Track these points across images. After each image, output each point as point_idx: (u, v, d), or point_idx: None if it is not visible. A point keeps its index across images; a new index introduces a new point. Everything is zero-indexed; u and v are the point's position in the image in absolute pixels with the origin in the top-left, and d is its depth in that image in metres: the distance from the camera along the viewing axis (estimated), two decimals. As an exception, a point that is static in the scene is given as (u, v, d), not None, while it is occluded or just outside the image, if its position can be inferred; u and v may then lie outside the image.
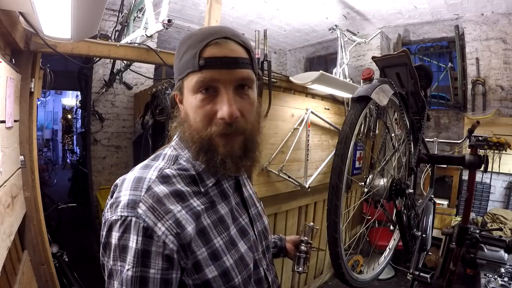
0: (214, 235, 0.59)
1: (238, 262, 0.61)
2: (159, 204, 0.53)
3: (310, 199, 2.77)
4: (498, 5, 3.21)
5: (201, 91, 0.57)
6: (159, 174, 0.58)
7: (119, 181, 0.60)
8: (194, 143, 0.59)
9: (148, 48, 1.88)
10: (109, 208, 0.55)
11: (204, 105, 0.57)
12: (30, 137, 1.64)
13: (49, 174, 7.43)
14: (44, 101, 10.11)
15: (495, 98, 3.44)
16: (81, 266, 2.50)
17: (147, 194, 0.54)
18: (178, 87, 0.62)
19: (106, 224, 0.54)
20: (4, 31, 1.23)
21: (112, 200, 0.56)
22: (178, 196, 0.56)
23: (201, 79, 0.56)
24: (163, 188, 0.56)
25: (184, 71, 0.58)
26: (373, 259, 1.51)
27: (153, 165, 0.60)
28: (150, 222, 0.51)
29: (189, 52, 0.57)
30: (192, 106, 0.58)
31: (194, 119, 0.59)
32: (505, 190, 3.30)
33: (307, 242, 0.95)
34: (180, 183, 0.59)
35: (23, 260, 1.48)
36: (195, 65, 0.56)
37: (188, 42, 0.59)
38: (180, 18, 3.90)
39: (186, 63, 0.58)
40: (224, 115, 0.56)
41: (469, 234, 1.64)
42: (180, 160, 0.62)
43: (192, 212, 0.57)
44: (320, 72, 2.13)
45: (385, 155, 1.35)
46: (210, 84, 0.56)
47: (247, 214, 0.70)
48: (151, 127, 2.64)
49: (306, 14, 3.89)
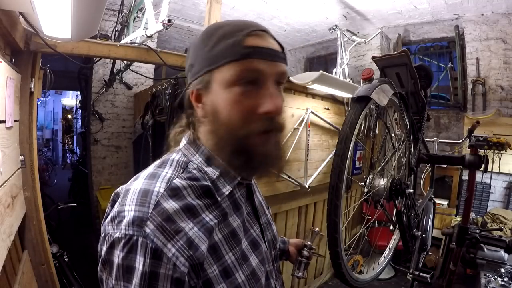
0: (226, 250, 0.53)
1: (250, 278, 0.56)
2: (169, 222, 0.47)
3: (310, 199, 2.77)
4: (498, 5, 3.21)
5: (241, 84, 0.51)
6: (167, 186, 0.51)
7: (121, 190, 0.54)
8: (228, 144, 0.53)
9: (148, 48, 1.88)
10: (110, 221, 0.49)
11: (243, 99, 0.51)
12: (30, 137, 1.64)
13: (49, 174, 7.43)
14: (44, 101, 10.12)
15: (495, 98, 3.44)
16: (81, 266, 2.49)
17: (155, 210, 0.47)
18: (202, 81, 0.54)
19: (107, 239, 0.48)
20: (4, 31, 1.23)
21: (114, 213, 0.50)
22: (189, 212, 0.50)
23: (245, 69, 0.50)
24: (173, 204, 0.49)
25: (219, 61, 0.51)
26: (373, 259, 1.52)
27: (160, 174, 0.53)
28: (159, 243, 0.46)
29: (224, 41, 0.51)
30: (227, 101, 0.52)
31: (228, 115, 0.52)
32: (505, 190, 3.30)
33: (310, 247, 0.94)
34: (191, 195, 0.52)
35: (23, 260, 1.48)
36: (237, 54, 0.50)
37: (219, 32, 0.53)
38: (180, 18, 3.90)
39: (222, 52, 0.51)
40: (271, 109, 0.51)
41: (469, 234, 1.64)
42: (190, 167, 0.56)
43: (204, 228, 0.51)
44: (320, 72, 2.13)
45: (385, 155, 1.35)
46: (254, 75, 0.51)
47: (259, 225, 0.65)
48: (151, 127, 2.64)
49: (306, 14, 3.89)
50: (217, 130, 0.54)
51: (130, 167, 3.67)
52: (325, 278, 3.19)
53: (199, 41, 0.56)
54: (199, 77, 0.54)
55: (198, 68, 0.54)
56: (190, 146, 0.59)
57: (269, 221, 0.73)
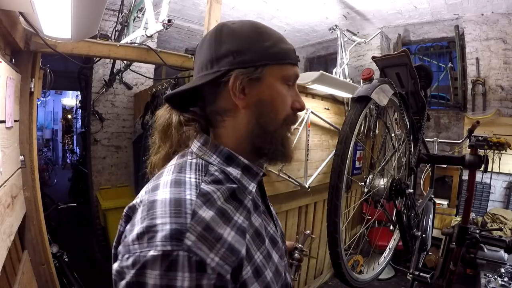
0: (254, 250, 0.53)
1: (275, 274, 0.57)
2: (208, 230, 0.45)
3: (310, 199, 2.77)
4: (498, 5, 3.21)
5: (288, 83, 0.59)
6: (198, 192, 0.48)
7: (139, 203, 0.50)
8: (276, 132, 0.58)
9: (148, 48, 1.88)
10: (137, 239, 0.44)
11: (288, 96, 0.59)
12: (30, 137, 1.64)
13: (49, 174, 7.42)
14: (44, 101, 10.11)
15: (495, 98, 3.44)
16: (81, 266, 2.50)
17: (194, 220, 0.44)
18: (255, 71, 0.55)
19: (136, 260, 0.42)
20: (4, 31, 1.23)
21: (141, 228, 0.44)
22: (224, 216, 0.49)
23: (295, 73, 0.60)
24: (208, 210, 0.47)
25: (284, 59, 0.57)
26: (373, 259, 1.52)
27: (184, 180, 0.50)
28: (203, 254, 0.43)
29: (281, 44, 0.58)
30: (280, 96, 0.57)
31: (278, 109, 0.58)
32: (505, 190, 3.30)
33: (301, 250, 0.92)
34: (221, 199, 0.50)
35: (23, 260, 1.48)
36: (294, 59, 0.59)
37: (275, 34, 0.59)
38: (180, 18, 3.90)
39: (286, 53, 0.58)
40: (303, 106, 0.61)
41: (469, 234, 1.64)
42: (211, 169, 0.54)
43: (240, 231, 0.50)
44: (320, 72, 2.13)
45: (385, 155, 1.35)
46: (295, 78, 0.60)
47: (272, 221, 0.66)
48: (151, 127, 2.63)
49: (306, 14, 3.89)
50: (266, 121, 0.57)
51: (130, 167, 3.66)
52: (325, 278, 3.19)
53: (252, 33, 0.56)
54: (251, 67, 0.54)
55: (254, 57, 0.55)
56: (204, 147, 0.57)
57: (277, 218, 0.74)
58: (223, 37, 0.56)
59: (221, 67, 0.54)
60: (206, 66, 0.57)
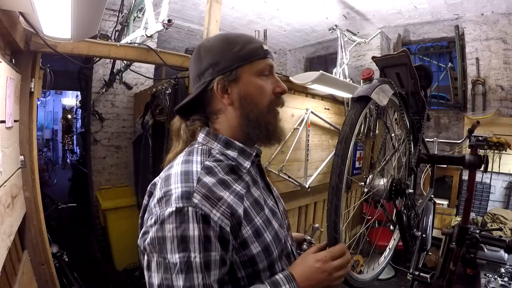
0: (254, 214, 0.65)
1: (275, 238, 0.67)
2: (211, 192, 0.59)
3: (310, 199, 2.77)
4: (498, 5, 3.21)
5: (263, 74, 0.69)
6: (202, 166, 0.63)
7: (159, 179, 0.64)
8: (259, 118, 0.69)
9: (148, 48, 1.88)
10: (157, 203, 0.58)
11: (267, 84, 0.70)
12: (30, 137, 1.64)
13: (49, 174, 7.42)
14: (44, 101, 10.11)
15: (495, 98, 3.44)
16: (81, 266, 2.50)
17: (199, 184, 0.59)
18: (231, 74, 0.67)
19: (157, 219, 0.56)
20: (4, 31, 1.23)
21: (160, 194, 0.59)
22: (223, 184, 0.62)
23: (268, 64, 0.70)
24: (210, 178, 0.61)
25: (252, 57, 0.68)
26: (373, 259, 1.51)
27: (192, 159, 0.65)
28: (207, 210, 0.56)
29: (249, 45, 0.68)
30: (258, 87, 0.69)
31: (259, 97, 0.69)
32: (505, 190, 3.30)
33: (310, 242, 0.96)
34: (221, 172, 0.64)
35: (23, 260, 1.48)
36: (262, 53, 0.69)
37: (241, 39, 0.69)
38: (180, 18, 3.90)
39: (252, 52, 0.68)
40: (283, 88, 0.72)
41: (469, 234, 1.64)
42: (213, 153, 0.68)
43: (238, 196, 0.63)
44: (320, 72, 2.13)
45: (385, 155, 1.35)
46: (269, 68, 0.71)
47: (272, 196, 0.78)
48: (151, 127, 2.63)
49: (306, 14, 3.89)
50: (249, 110, 0.69)
51: (130, 167, 3.66)
52: (325, 278, 3.18)
53: (222, 45, 0.69)
54: (227, 72, 0.67)
55: (228, 63, 0.67)
56: (207, 137, 0.71)
57: (278, 196, 0.85)
58: (201, 55, 0.70)
59: (206, 79, 0.68)
60: (195, 80, 0.71)
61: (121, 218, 3.15)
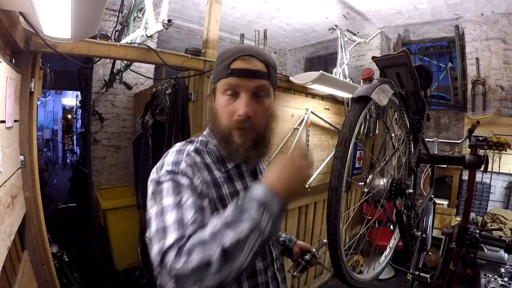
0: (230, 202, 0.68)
1: None
2: (195, 166, 0.71)
3: (310, 199, 2.77)
4: (498, 5, 3.21)
5: (227, 94, 0.74)
6: (194, 148, 0.75)
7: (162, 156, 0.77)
8: (218, 132, 0.77)
9: (148, 48, 1.88)
10: (155, 171, 0.71)
11: (229, 104, 0.74)
12: (30, 137, 1.64)
13: (49, 174, 7.42)
14: (44, 101, 10.11)
15: (495, 98, 3.44)
16: (81, 266, 2.50)
17: (187, 157, 0.71)
18: (212, 89, 0.79)
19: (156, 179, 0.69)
20: (4, 31, 1.23)
21: (158, 164, 0.73)
22: (206, 166, 0.74)
23: (228, 83, 0.73)
24: (197, 157, 0.73)
25: (217, 77, 0.76)
26: (373, 259, 1.51)
27: (189, 143, 0.79)
28: (190, 174, 0.68)
29: (222, 63, 0.75)
30: (221, 104, 0.75)
31: (220, 114, 0.76)
32: (505, 190, 3.30)
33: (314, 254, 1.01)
34: (208, 158, 0.76)
35: (23, 260, 1.48)
36: (225, 73, 0.73)
37: (223, 55, 0.76)
38: (180, 18, 3.90)
39: (219, 71, 0.75)
40: (240, 113, 0.72)
41: (469, 234, 1.64)
42: (209, 145, 0.80)
43: (214, 180, 0.74)
44: (320, 72, 2.13)
45: (385, 155, 1.35)
46: (233, 88, 0.73)
47: None
48: (151, 127, 2.63)
49: (306, 14, 3.89)
50: (216, 122, 0.78)
51: (130, 167, 3.66)
52: (325, 278, 3.19)
53: (215, 61, 0.80)
54: (211, 85, 0.80)
55: (212, 79, 0.80)
56: (208, 133, 0.83)
57: None
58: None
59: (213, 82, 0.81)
60: None
61: (121, 218, 3.15)
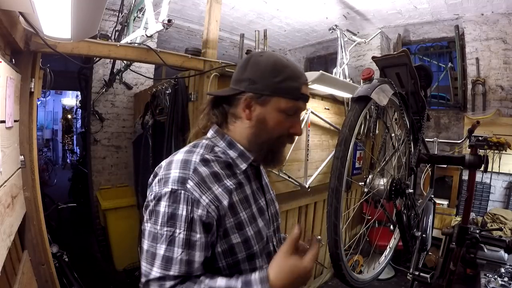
0: (240, 209, 0.72)
1: (257, 234, 0.74)
2: (203, 181, 0.67)
3: (310, 199, 2.77)
4: (498, 5, 3.21)
5: (287, 113, 0.75)
6: (201, 158, 0.71)
7: (164, 163, 0.73)
8: (264, 143, 0.76)
9: (148, 48, 1.88)
10: (158, 182, 0.68)
11: (284, 122, 0.76)
12: (30, 137, 1.63)
13: (49, 174, 7.42)
14: (44, 101, 10.10)
15: (495, 98, 3.44)
16: (81, 266, 2.49)
17: (194, 173, 0.67)
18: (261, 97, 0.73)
19: (155, 195, 0.66)
20: (4, 31, 1.23)
21: (160, 176, 0.69)
22: (215, 177, 0.70)
23: (296, 106, 0.76)
24: (205, 169, 0.69)
25: (284, 94, 0.73)
26: (373, 259, 1.52)
27: (195, 151, 0.73)
28: (197, 195, 0.65)
29: (289, 81, 0.73)
30: (275, 120, 0.75)
31: (272, 129, 0.75)
32: (505, 190, 3.30)
33: None
34: (217, 166, 0.72)
35: (23, 260, 1.47)
36: (296, 96, 0.75)
37: (287, 71, 0.74)
38: (180, 18, 3.90)
39: (288, 89, 0.73)
40: (298, 132, 0.79)
41: (469, 234, 1.64)
42: (215, 149, 0.76)
43: (226, 189, 0.71)
44: (320, 72, 2.13)
45: (385, 155, 1.35)
46: (296, 110, 0.77)
47: (264, 198, 0.84)
48: (151, 127, 2.63)
49: (306, 14, 3.89)
50: (259, 133, 0.76)
51: (130, 167, 3.65)
52: (325, 278, 3.18)
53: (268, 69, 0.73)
54: (258, 93, 0.73)
55: (262, 87, 0.73)
56: (216, 135, 0.79)
57: (273, 199, 0.92)
58: (248, 65, 0.76)
59: (240, 88, 0.75)
60: (234, 82, 0.78)
61: (121, 218, 3.15)
